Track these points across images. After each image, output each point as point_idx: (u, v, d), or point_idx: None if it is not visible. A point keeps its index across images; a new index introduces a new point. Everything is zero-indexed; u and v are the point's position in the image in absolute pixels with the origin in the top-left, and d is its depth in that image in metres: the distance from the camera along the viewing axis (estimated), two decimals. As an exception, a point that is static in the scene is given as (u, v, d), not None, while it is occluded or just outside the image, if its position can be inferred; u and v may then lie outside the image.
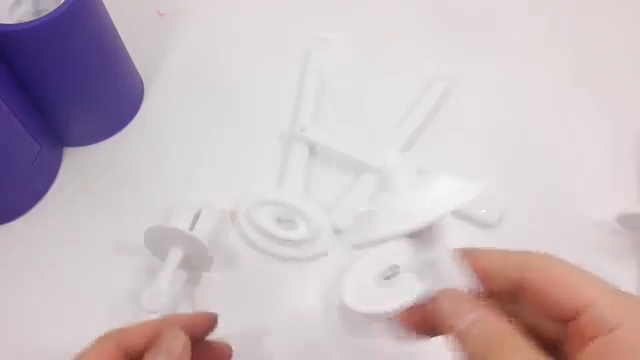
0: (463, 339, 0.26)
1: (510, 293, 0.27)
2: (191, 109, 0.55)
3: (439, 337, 0.27)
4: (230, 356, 0.36)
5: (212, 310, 0.35)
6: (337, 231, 0.48)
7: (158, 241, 0.44)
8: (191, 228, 0.45)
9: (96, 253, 0.48)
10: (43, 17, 0.42)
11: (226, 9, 0.61)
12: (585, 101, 0.54)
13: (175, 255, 0.44)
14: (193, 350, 0.31)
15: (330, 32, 0.41)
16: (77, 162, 0.53)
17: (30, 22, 0.42)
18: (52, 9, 0.42)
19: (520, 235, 0.48)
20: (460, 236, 0.29)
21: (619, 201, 0.48)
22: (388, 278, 0.44)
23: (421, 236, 0.27)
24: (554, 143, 0.52)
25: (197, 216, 0.46)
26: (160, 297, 0.42)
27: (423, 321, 0.29)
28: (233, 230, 0.48)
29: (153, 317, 0.34)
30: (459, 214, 0.47)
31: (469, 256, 0.28)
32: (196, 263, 0.46)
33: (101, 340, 0.31)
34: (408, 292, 0.42)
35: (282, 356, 0.44)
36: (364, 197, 0.49)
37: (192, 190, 0.51)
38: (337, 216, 0.48)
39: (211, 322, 0.34)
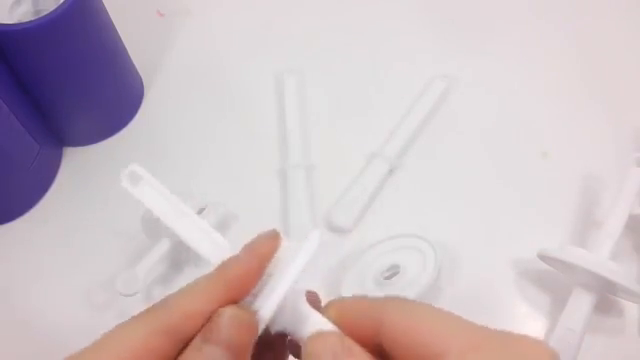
0: None
1: (372, 347, 0.24)
2: (191, 109, 0.55)
3: None
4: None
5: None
6: (336, 229, 0.48)
7: (152, 227, 0.45)
8: None
9: (96, 252, 0.48)
10: (43, 17, 0.42)
11: (226, 9, 0.61)
12: (585, 101, 0.54)
13: (162, 246, 0.44)
14: None
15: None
16: (77, 162, 0.53)
17: (30, 22, 0.42)
18: (52, 9, 0.42)
19: (525, 230, 0.48)
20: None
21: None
22: (388, 278, 0.44)
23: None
24: (554, 143, 0.52)
25: (201, 210, 0.46)
26: (136, 283, 0.43)
27: None
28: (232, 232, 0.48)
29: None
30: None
31: (326, 311, 0.25)
32: (184, 256, 0.46)
33: (142, 323, 0.24)
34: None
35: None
36: (365, 193, 0.49)
37: (192, 190, 0.51)
38: (336, 214, 0.48)
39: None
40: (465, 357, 0.22)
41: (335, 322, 0.25)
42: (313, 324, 0.25)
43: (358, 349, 0.24)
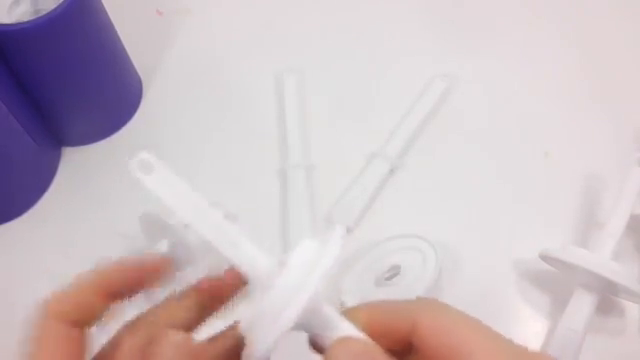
0: None
1: (402, 346, 0.25)
2: (189, 109, 0.55)
3: None
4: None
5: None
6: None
7: (151, 228, 0.44)
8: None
9: (95, 252, 0.48)
10: (42, 16, 0.42)
11: (226, 8, 0.61)
12: (586, 101, 0.54)
13: (162, 246, 0.44)
14: None
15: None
16: (75, 162, 0.53)
17: (29, 22, 0.42)
18: (51, 8, 0.42)
19: (526, 230, 0.48)
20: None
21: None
22: (389, 278, 0.44)
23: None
24: (555, 142, 0.52)
25: None
26: None
27: None
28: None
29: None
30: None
31: (355, 313, 0.26)
32: (184, 257, 0.46)
33: (79, 287, 0.27)
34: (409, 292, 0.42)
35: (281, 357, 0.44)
36: (365, 193, 0.49)
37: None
38: (336, 214, 0.48)
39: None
40: None
41: (365, 325, 0.25)
42: (339, 330, 0.24)
43: (380, 352, 0.24)
